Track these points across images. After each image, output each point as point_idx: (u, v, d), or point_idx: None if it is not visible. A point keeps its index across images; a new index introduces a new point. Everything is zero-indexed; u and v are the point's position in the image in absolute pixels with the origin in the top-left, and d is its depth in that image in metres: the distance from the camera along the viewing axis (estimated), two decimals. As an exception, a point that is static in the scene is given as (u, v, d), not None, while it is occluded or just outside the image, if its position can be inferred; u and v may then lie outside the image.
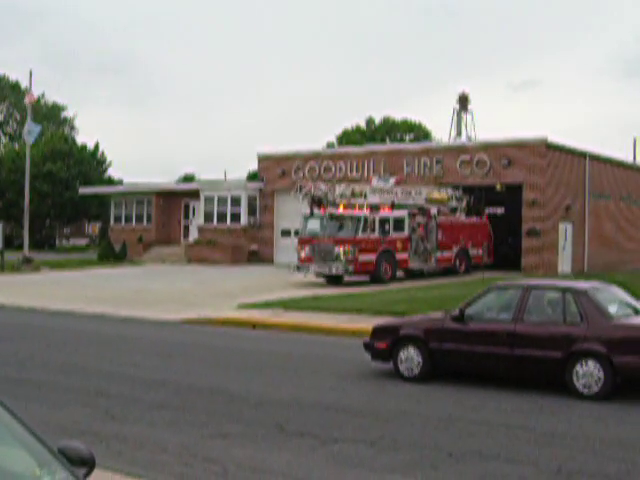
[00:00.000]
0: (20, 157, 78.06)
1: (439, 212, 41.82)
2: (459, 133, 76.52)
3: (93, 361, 17.51)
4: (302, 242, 37.25)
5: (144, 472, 8.94)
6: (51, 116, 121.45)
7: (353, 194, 36.62)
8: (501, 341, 14.16)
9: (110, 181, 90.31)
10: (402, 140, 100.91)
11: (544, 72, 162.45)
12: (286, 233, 50.92)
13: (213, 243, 51.74)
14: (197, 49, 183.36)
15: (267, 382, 14.87)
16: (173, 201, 60.14)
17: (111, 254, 56.29)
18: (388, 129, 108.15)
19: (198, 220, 55.70)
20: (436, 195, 42.22)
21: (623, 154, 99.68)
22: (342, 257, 35.03)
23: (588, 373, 13.17)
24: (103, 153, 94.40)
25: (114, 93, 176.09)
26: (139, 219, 61.70)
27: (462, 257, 42.14)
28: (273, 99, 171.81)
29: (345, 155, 53.13)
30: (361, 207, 36.49)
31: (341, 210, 36.23)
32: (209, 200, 54.12)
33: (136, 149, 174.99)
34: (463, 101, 76.98)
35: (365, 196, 37.06)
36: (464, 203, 44.43)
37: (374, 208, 36.97)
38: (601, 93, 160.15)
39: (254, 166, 65.52)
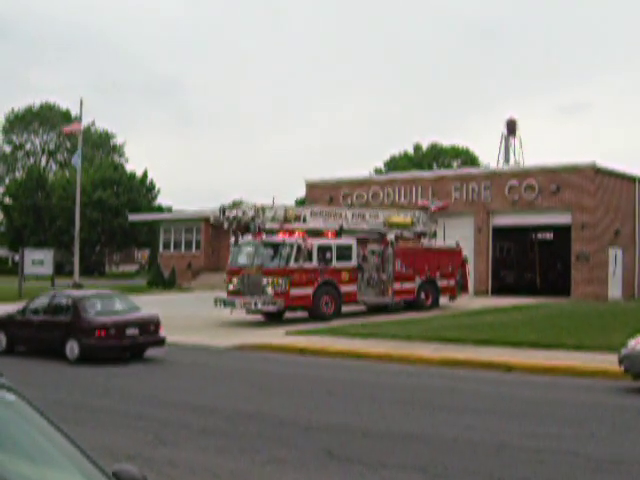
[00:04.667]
0: (70, 184, 78.92)
1: (401, 237, 37.24)
2: (507, 159, 76.05)
3: (143, 387, 17.62)
4: (230, 273, 32.61)
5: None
6: (101, 144, 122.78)
7: (286, 218, 31.88)
8: (37, 328, 22.46)
9: (159, 208, 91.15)
10: (449, 166, 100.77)
11: (594, 94, 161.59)
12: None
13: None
14: (244, 75, 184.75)
15: (316, 407, 14.84)
16: (222, 228, 60.35)
17: (160, 281, 56.72)
18: (435, 155, 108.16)
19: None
20: (396, 218, 37.52)
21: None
22: (269, 290, 30.39)
23: (73, 348, 21.03)
24: (152, 181, 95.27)
25: (162, 120, 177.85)
26: (188, 246, 62.15)
27: (428, 289, 36.87)
28: (322, 125, 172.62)
29: (393, 181, 53.17)
30: (302, 233, 31.79)
31: (277, 236, 31.69)
32: (257, 226, 53.90)
33: (184, 176, 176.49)
34: (511, 126, 76.49)
35: (304, 220, 32.68)
36: (433, 227, 40.13)
37: (315, 234, 32.58)
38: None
39: (302, 192, 65.68)
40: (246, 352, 24.23)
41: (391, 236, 36.12)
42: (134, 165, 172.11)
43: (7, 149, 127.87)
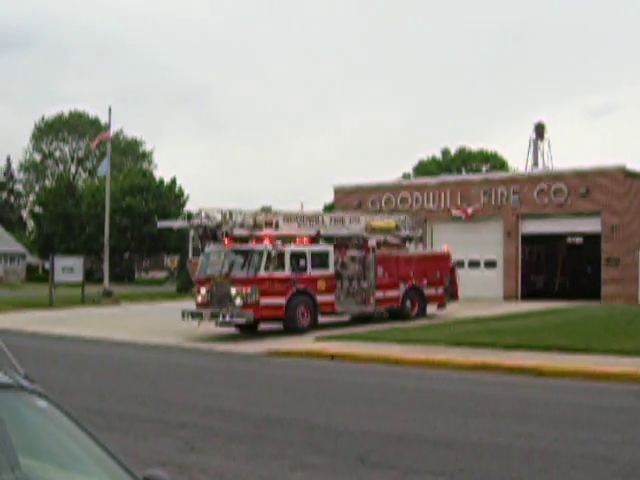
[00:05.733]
0: (100, 192, 79.40)
1: (384, 243, 34.84)
2: (536, 162, 75.82)
3: (173, 393, 17.67)
4: (199, 283, 30.23)
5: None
6: (129, 151, 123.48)
7: (256, 224, 29.81)
8: None
9: (188, 215, 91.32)
10: (478, 170, 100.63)
11: (622, 96, 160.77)
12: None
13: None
14: (272, 81, 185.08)
15: (346, 413, 14.81)
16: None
17: (189, 287, 56.76)
18: (464, 159, 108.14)
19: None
20: (379, 223, 35.47)
21: None
22: (238, 301, 28.07)
23: None
24: (181, 187, 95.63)
25: (190, 127, 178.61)
26: (217, 252, 62.20)
27: (414, 297, 34.65)
28: (349, 131, 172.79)
29: (422, 186, 53.11)
30: (272, 239, 29.32)
31: (246, 243, 29.48)
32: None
33: (213, 182, 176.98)
34: (539, 130, 76.27)
35: (277, 226, 30.48)
36: (419, 231, 38.29)
37: (287, 240, 30.22)
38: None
39: (330, 198, 65.72)
40: (276, 358, 24.26)
41: (372, 242, 33.85)
42: (163, 172, 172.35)
43: (37, 157, 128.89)
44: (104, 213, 54.77)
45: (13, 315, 40.63)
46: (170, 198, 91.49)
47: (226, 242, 29.12)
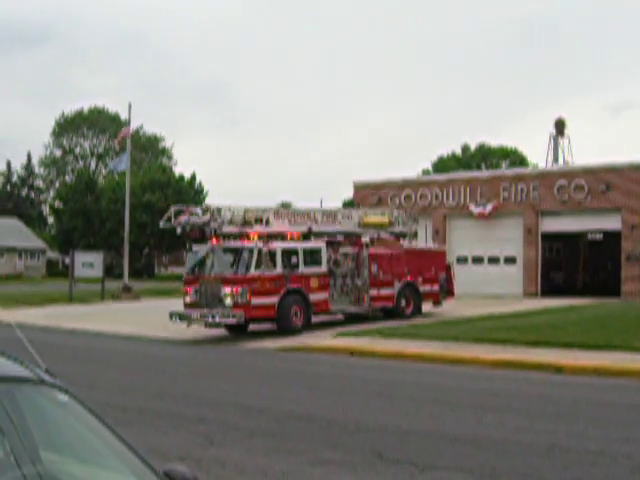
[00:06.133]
0: (120, 187, 79.55)
1: (377, 239, 33.41)
2: (556, 159, 75.60)
3: (192, 388, 17.73)
4: (187, 283, 28.69)
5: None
6: (149, 147, 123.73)
7: (245, 221, 28.50)
8: None
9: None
10: (498, 166, 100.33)
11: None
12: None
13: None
14: (291, 76, 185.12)
15: (364, 408, 14.83)
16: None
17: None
18: (484, 155, 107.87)
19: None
20: (372, 218, 33.99)
21: None
22: (228, 301, 26.84)
23: None
24: (200, 182, 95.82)
25: (209, 123, 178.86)
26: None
27: (409, 295, 33.34)
28: (370, 127, 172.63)
29: (444, 182, 52.98)
30: (262, 237, 28.10)
31: (235, 241, 28.28)
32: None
33: (232, 178, 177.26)
34: (559, 126, 76.05)
35: (267, 222, 29.16)
36: (414, 227, 36.34)
37: (278, 237, 28.90)
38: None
39: (350, 194, 65.71)
40: (294, 353, 24.31)
41: (366, 238, 32.44)
42: (182, 168, 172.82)
43: (57, 153, 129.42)
44: (124, 209, 54.92)
45: (34, 310, 40.85)
46: (190, 194, 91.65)
47: (215, 240, 27.89)
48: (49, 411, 4.22)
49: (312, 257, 29.28)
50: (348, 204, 68.67)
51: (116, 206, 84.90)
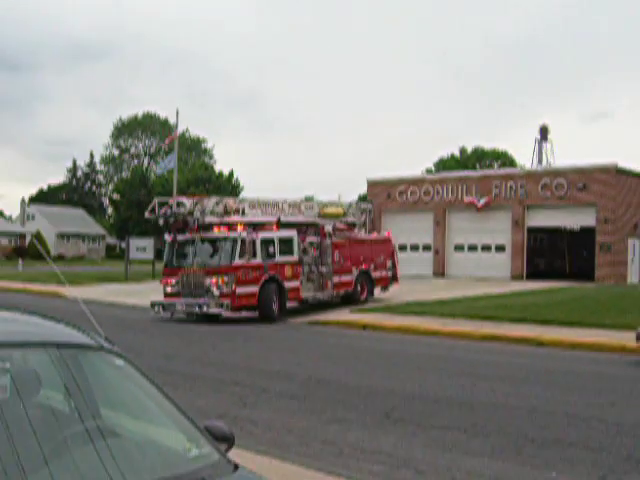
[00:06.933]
0: (168, 183, 79.63)
1: (336, 229, 30.72)
2: (540, 160, 75.41)
3: (228, 356, 17.80)
4: (167, 273, 26.37)
5: (271, 450, 9.04)
6: (194, 147, 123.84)
7: (226, 211, 26.33)
8: None
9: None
10: (491, 166, 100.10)
11: (617, 102, 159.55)
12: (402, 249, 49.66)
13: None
14: (316, 88, 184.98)
15: (376, 376, 14.86)
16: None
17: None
18: (479, 157, 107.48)
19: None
20: (330, 209, 31.98)
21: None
22: (215, 290, 24.86)
23: None
24: (237, 179, 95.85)
25: (245, 126, 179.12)
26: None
27: (363, 281, 31.08)
28: (382, 132, 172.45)
29: (444, 180, 52.81)
30: (244, 226, 25.74)
31: (218, 231, 25.62)
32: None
33: (264, 175, 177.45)
34: (544, 132, 75.78)
35: (243, 212, 27.11)
36: (363, 217, 34.22)
37: (256, 226, 26.43)
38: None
39: (364, 189, 65.59)
40: (318, 327, 24.36)
41: (329, 227, 29.87)
42: (222, 165, 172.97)
43: (115, 152, 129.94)
44: (172, 201, 54.95)
45: (95, 287, 41.05)
46: (228, 189, 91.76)
47: (197, 230, 25.77)
48: (107, 374, 4.27)
49: (285, 246, 26.82)
50: (363, 198, 68.51)
51: (165, 199, 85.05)
